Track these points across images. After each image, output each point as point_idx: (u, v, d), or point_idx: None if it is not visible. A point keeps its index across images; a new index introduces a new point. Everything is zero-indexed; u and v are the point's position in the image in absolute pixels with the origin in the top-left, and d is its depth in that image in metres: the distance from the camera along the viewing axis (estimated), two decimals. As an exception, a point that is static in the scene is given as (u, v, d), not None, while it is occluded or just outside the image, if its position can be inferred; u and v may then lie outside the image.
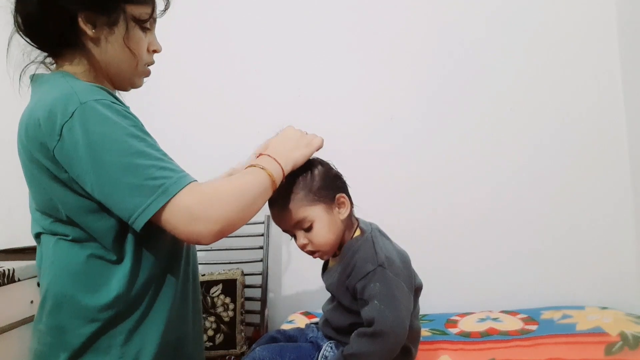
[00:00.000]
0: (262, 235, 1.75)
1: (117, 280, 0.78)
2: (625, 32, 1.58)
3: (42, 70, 0.85)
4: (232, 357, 1.60)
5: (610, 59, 1.61)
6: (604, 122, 1.61)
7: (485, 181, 1.68)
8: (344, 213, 0.95)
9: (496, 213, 1.67)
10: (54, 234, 0.80)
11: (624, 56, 1.59)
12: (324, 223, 0.92)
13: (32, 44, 0.82)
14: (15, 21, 0.81)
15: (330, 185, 0.95)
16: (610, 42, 1.61)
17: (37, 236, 0.85)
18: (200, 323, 0.99)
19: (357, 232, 0.98)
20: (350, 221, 0.98)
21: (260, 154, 0.88)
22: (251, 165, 0.83)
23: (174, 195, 0.70)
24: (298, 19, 1.84)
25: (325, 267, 1.04)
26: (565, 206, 1.63)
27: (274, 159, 0.85)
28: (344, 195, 0.96)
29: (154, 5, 0.86)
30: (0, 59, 0.80)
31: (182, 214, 0.71)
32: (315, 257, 0.97)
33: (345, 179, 1.00)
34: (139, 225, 0.71)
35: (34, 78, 0.83)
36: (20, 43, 0.82)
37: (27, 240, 1.81)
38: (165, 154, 0.76)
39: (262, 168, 0.82)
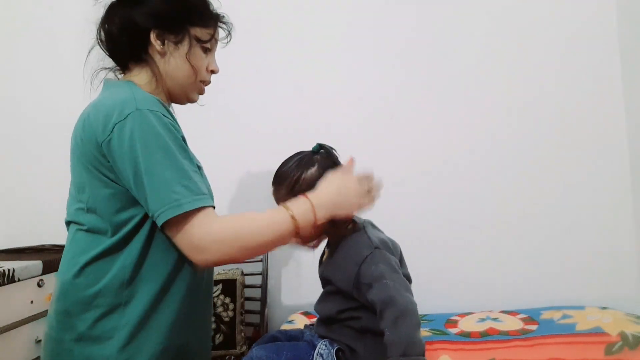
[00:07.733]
0: (262, 235, 1.75)
1: (119, 269, 0.82)
2: (626, 32, 1.58)
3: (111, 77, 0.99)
4: (232, 357, 1.60)
5: (611, 60, 1.61)
6: (605, 123, 1.61)
7: (485, 181, 1.68)
8: None
9: (496, 213, 1.67)
10: (75, 222, 0.87)
11: (624, 56, 1.59)
12: None
13: (110, 56, 0.95)
14: (98, 35, 0.94)
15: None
16: (611, 42, 1.61)
17: (67, 224, 0.91)
18: (208, 329, 1.01)
19: (350, 226, 1.02)
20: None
21: (304, 194, 0.89)
22: (284, 206, 0.86)
23: (184, 213, 0.77)
24: (298, 18, 1.84)
25: (321, 260, 1.08)
26: (565, 206, 1.63)
27: (313, 205, 0.86)
28: None
29: (215, 28, 0.98)
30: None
31: (187, 240, 0.78)
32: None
33: None
34: (158, 224, 0.79)
35: (105, 81, 0.95)
36: (98, 54, 0.96)
37: (27, 240, 1.83)
38: (194, 173, 0.82)
39: (292, 216, 0.84)
